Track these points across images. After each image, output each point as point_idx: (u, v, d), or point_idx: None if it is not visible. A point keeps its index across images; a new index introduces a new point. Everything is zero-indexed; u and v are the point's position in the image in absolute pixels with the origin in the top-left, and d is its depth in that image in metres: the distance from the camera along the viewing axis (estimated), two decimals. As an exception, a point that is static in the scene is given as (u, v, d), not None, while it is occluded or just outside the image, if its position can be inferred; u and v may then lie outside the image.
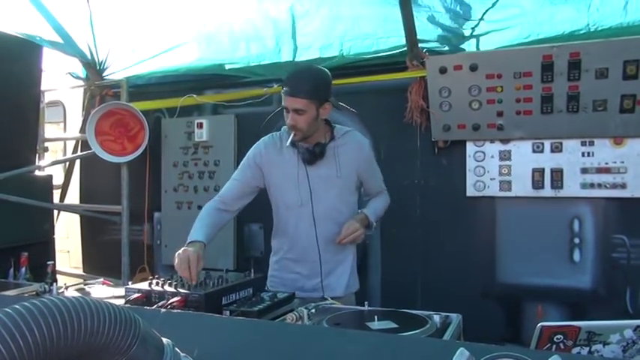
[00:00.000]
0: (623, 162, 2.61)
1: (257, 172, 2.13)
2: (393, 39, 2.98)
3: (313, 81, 1.99)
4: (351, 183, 2.15)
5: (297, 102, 1.95)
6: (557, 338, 1.11)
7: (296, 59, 3.21)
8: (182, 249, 1.86)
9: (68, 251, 4.83)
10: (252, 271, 1.94)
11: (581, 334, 1.11)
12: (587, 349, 1.13)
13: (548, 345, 1.12)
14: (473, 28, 2.87)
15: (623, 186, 2.60)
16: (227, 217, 2.15)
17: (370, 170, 2.21)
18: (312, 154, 2.05)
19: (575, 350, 1.12)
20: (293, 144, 2.05)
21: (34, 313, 0.71)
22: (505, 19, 2.76)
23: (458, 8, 2.78)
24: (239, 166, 2.19)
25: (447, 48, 2.92)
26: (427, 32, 2.91)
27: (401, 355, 0.99)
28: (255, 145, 2.18)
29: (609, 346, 1.13)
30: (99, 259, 3.94)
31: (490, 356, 0.69)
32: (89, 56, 3.63)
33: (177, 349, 0.98)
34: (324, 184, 2.07)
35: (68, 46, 3.46)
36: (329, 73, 2.07)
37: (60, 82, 4.02)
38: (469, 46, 2.90)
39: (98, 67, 3.73)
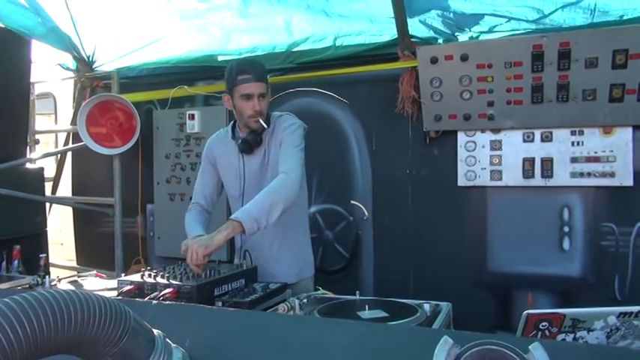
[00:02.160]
0: (612, 151, 2.62)
1: (212, 170, 2.23)
2: (385, 36, 2.98)
3: (265, 66, 2.12)
4: None
5: (262, 87, 2.03)
6: (542, 325, 1.13)
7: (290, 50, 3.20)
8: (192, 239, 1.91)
9: (62, 244, 4.83)
10: (245, 262, 1.96)
11: (566, 321, 1.13)
12: (572, 335, 1.15)
13: (534, 332, 1.14)
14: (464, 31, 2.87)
15: (612, 175, 2.62)
16: (208, 217, 2.24)
17: (282, 148, 2.06)
18: (246, 144, 2.09)
19: (560, 337, 1.15)
20: (233, 136, 2.14)
21: (24, 307, 0.72)
22: (497, 24, 2.77)
23: (451, 15, 2.76)
24: (199, 170, 2.29)
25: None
26: (419, 31, 2.91)
27: (388, 343, 1.01)
28: (206, 144, 2.27)
29: (593, 333, 1.15)
30: (92, 251, 3.94)
31: (473, 344, 0.71)
32: (76, 49, 3.58)
33: (168, 340, 0.99)
34: (257, 172, 2.11)
35: (57, 40, 3.41)
36: None
37: (50, 74, 3.99)
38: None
39: (87, 60, 3.70)
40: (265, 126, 2.06)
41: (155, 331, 0.96)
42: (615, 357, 0.85)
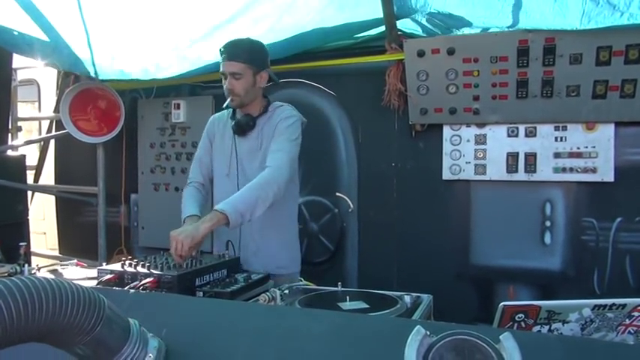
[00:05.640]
0: (594, 147, 2.65)
1: (209, 147, 2.26)
2: (371, 30, 2.96)
3: (250, 48, 2.08)
4: None
5: (234, 66, 2.03)
6: (518, 317, 1.14)
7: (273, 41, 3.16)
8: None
9: (44, 233, 4.79)
10: (228, 252, 1.96)
11: (542, 313, 1.14)
12: (547, 327, 1.17)
13: (510, 323, 1.15)
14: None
15: (594, 170, 2.65)
16: (205, 196, 2.26)
17: (274, 140, 2.07)
18: (239, 126, 2.13)
19: (535, 329, 1.16)
20: (233, 117, 2.16)
21: (-7, 294, 0.71)
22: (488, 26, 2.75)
23: (439, 20, 2.74)
24: (198, 147, 2.32)
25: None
26: (407, 26, 2.90)
27: (366, 333, 1.02)
28: (208, 121, 2.31)
29: (568, 325, 1.17)
30: (75, 240, 3.90)
31: (445, 334, 0.72)
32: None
33: (144, 329, 0.98)
34: (249, 156, 2.12)
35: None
36: (265, 46, 2.15)
37: (33, 60, 3.91)
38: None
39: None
40: (225, 106, 2.11)
41: (131, 320, 0.95)
42: (586, 348, 0.86)
